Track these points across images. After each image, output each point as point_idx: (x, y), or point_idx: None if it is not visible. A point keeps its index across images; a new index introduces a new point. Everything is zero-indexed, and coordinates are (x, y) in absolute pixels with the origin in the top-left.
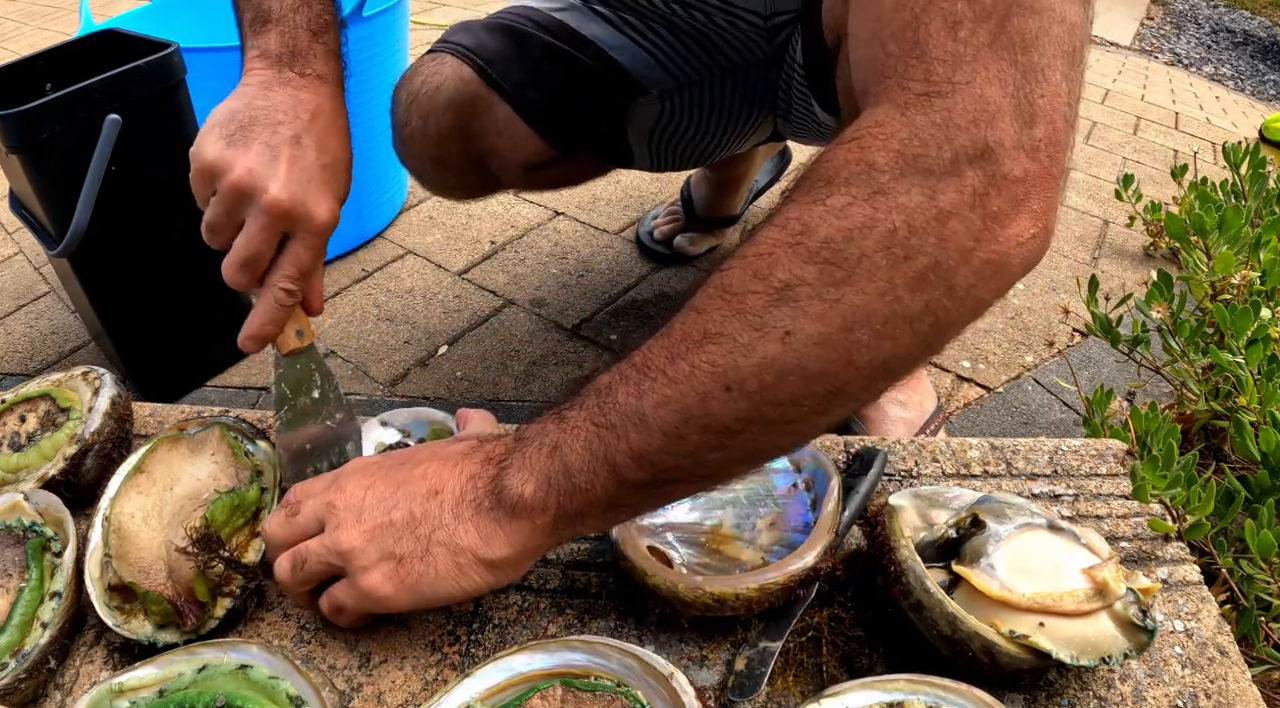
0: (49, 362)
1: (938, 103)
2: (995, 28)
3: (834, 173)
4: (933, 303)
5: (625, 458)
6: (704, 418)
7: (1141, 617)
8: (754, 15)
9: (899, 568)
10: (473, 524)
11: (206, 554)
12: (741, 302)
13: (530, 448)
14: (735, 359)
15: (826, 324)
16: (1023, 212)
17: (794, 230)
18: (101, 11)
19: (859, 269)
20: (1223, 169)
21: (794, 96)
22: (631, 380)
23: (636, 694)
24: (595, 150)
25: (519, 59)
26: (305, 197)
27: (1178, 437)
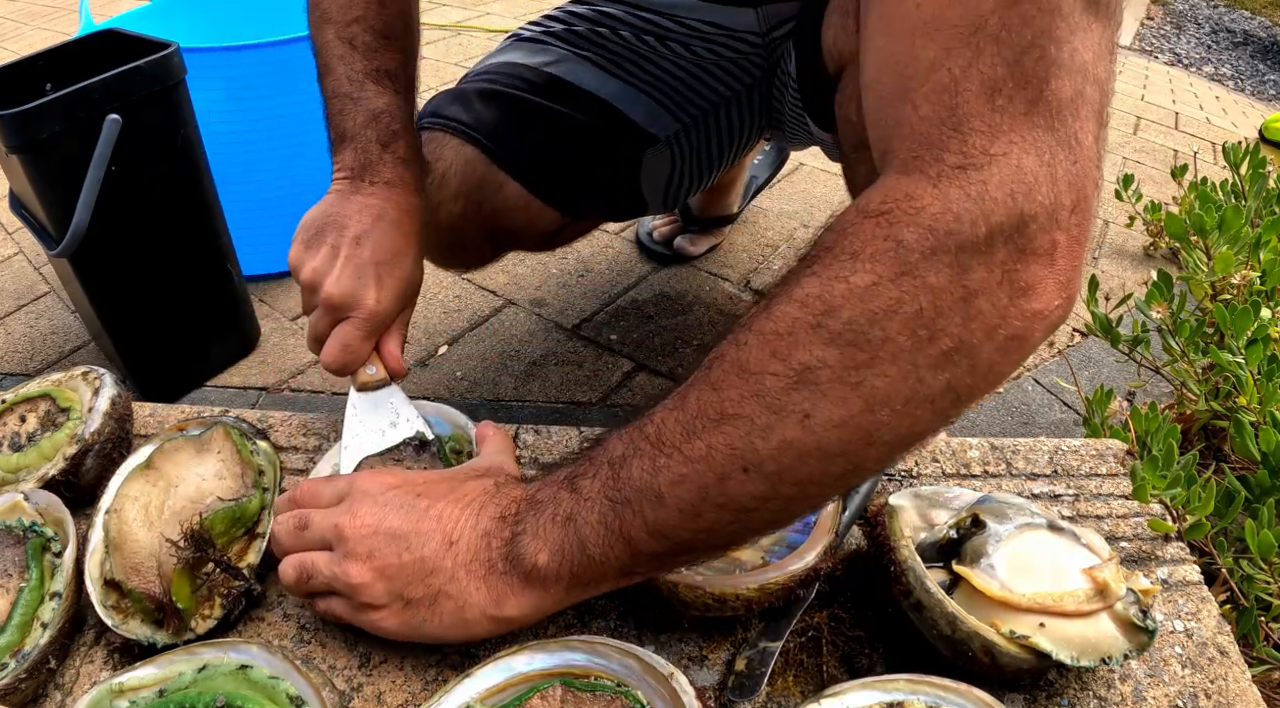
0: (49, 362)
1: (974, 176)
2: (1034, 94)
3: (859, 248)
4: (954, 381)
5: (640, 532)
6: (721, 497)
7: (1142, 617)
8: (753, 35)
9: (899, 568)
10: (484, 584)
11: (198, 553)
12: (760, 383)
13: (544, 516)
14: (753, 441)
15: (847, 407)
16: (1049, 283)
17: (816, 310)
18: (101, 11)
19: (882, 352)
20: (1223, 169)
21: (787, 110)
22: (646, 455)
23: (636, 694)
24: (607, 209)
25: (522, 131)
26: (355, 289)
27: (1178, 437)
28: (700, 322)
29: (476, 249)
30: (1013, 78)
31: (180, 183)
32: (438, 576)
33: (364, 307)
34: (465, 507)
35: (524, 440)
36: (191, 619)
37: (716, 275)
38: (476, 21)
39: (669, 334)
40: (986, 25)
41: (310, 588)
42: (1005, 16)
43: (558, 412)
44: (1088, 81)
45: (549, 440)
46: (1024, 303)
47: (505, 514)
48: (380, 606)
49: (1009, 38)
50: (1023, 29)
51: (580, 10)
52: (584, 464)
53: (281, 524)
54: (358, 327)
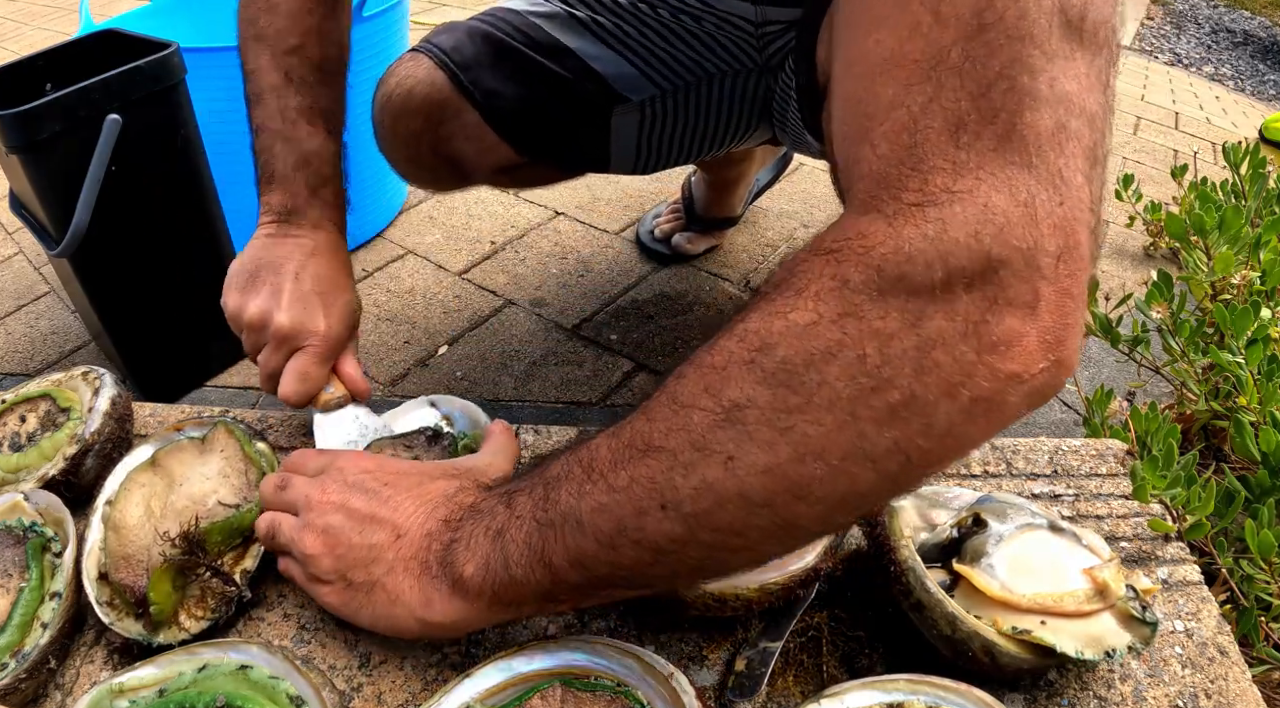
0: (49, 362)
1: (931, 213)
2: (1005, 127)
3: (805, 284)
4: (903, 441)
5: (561, 559)
6: (637, 532)
7: (1141, 611)
8: (743, 20)
9: (899, 568)
10: (417, 583)
11: (188, 556)
12: (688, 416)
13: (479, 527)
14: (673, 477)
15: (774, 453)
16: (1030, 341)
17: (752, 345)
18: (101, 11)
19: (816, 397)
20: (1223, 169)
21: (790, 114)
22: (575, 479)
23: (636, 694)
24: (564, 158)
25: (493, 67)
26: (304, 318)
27: (1178, 437)
28: (700, 322)
29: (432, 169)
30: (978, 111)
31: (180, 183)
32: (379, 565)
33: (316, 333)
34: (422, 504)
35: (524, 440)
36: (165, 618)
37: (716, 275)
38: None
39: (669, 334)
40: (948, 58)
41: (273, 545)
42: (968, 47)
43: (558, 412)
44: (1072, 114)
45: (549, 441)
46: (995, 361)
47: (450, 518)
48: (326, 580)
49: (973, 69)
50: (989, 59)
51: None
52: (525, 481)
53: (267, 481)
54: (313, 354)
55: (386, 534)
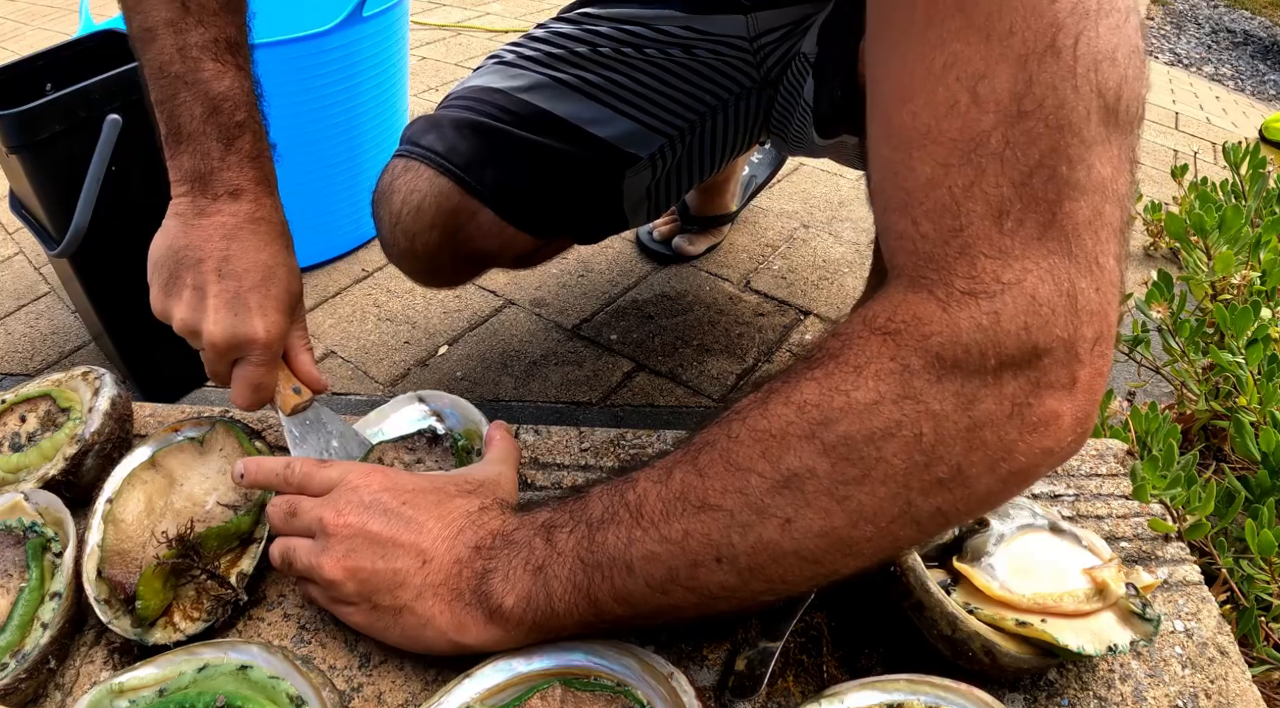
0: (49, 362)
1: (984, 305)
2: (1047, 216)
3: (864, 363)
4: (945, 506)
5: (607, 597)
6: (690, 581)
7: (1142, 608)
8: (737, 38)
9: (899, 568)
10: (449, 609)
11: (183, 559)
12: (745, 479)
13: (517, 560)
14: (730, 536)
15: (830, 519)
16: (1065, 419)
17: (812, 418)
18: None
19: (875, 471)
20: (1223, 169)
21: (793, 122)
22: (624, 524)
23: (636, 694)
24: (584, 232)
25: (494, 161)
26: (237, 326)
27: (1178, 437)
28: (700, 322)
29: (454, 272)
30: (1021, 199)
31: None
32: (406, 590)
33: (255, 342)
34: (446, 526)
35: (524, 440)
36: (151, 615)
37: (716, 275)
38: (477, 21)
39: (669, 334)
40: (988, 142)
41: (292, 573)
42: (1009, 133)
43: (558, 412)
44: (1106, 200)
45: (549, 441)
46: (1034, 438)
47: (481, 545)
48: (348, 606)
49: (1014, 157)
50: (1029, 147)
51: (562, 28)
52: (563, 514)
53: (275, 506)
54: (256, 363)
55: (411, 559)
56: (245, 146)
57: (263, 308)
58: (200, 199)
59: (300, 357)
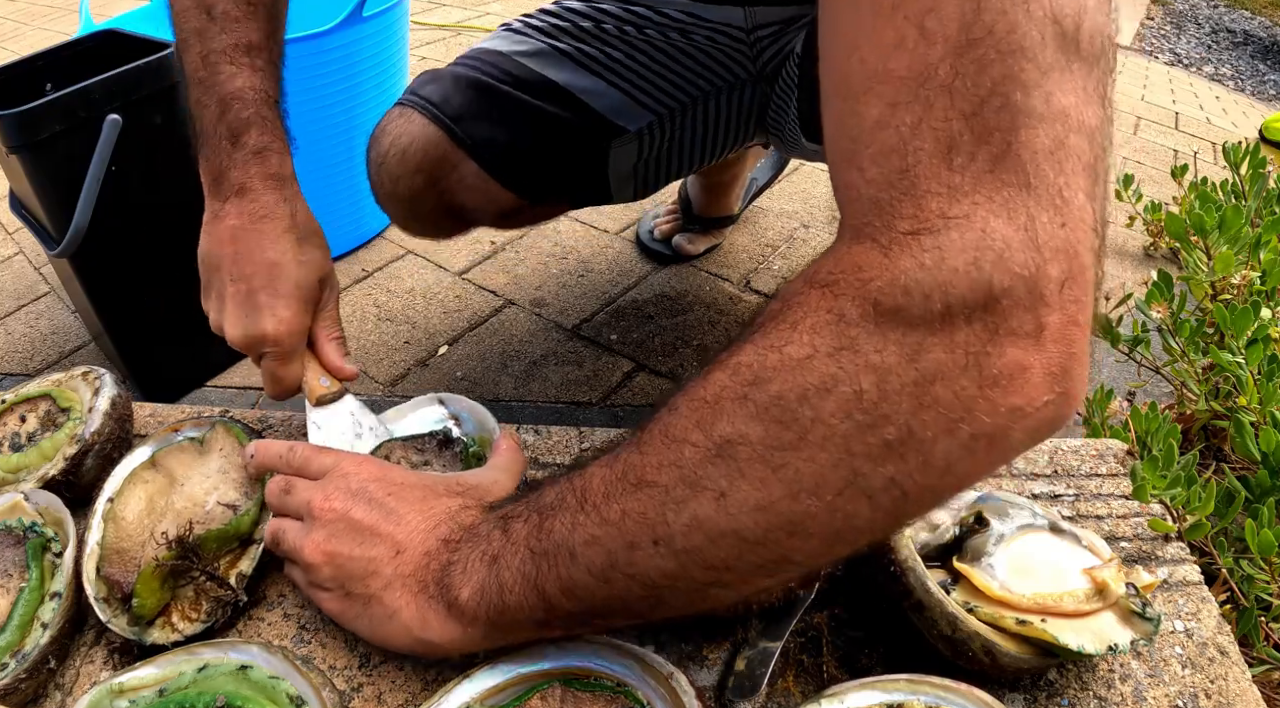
0: (49, 362)
1: (928, 241)
2: (1000, 147)
3: (799, 317)
4: (900, 477)
5: (554, 588)
6: (630, 567)
7: (1142, 607)
8: (735, 29)
9: (899, 568)
10: (414, 602)
11: (182, 561)
12: (679, 451)
13: (475, 552)
14: (665, 513)
15: (767, 491)
16: (1034, 373)
17: (744, 379)
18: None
19: (811, 433)
20: (1223, 169)
21: (788, 121)
22: (569, 509)
23: (636, 694)
24: (568, 196)
25: (485, 115)
26: (249, 326)
27: (1178, 437)
28: (700, 322)
29: (436, 223)
30: (971, 131)
31: (180, 183)
32: (376, 580)
33: (266, 338)
34: (425, 520)
35: (524, 440)
36: (147, 614)
37: (716, 275)
38: (477, 21)
39: (669, 334)
40: (936, 74)
41: (279, 553)
42: (958, 63)
43: (558, 412)
44: (1070, 130)
45: (549, 441)
46: (997, 395)
47: (450, 539)
48: (324, 591)
49: (964, 87)
50: (979, 76)
51: (572, 3)
52: (519, 506)
53: (273, 483)
54: (272, 358)
55: (386, 549)
56: (250, 142)
57: (271, 306)
58: (215, 202)
59: (325, 347)
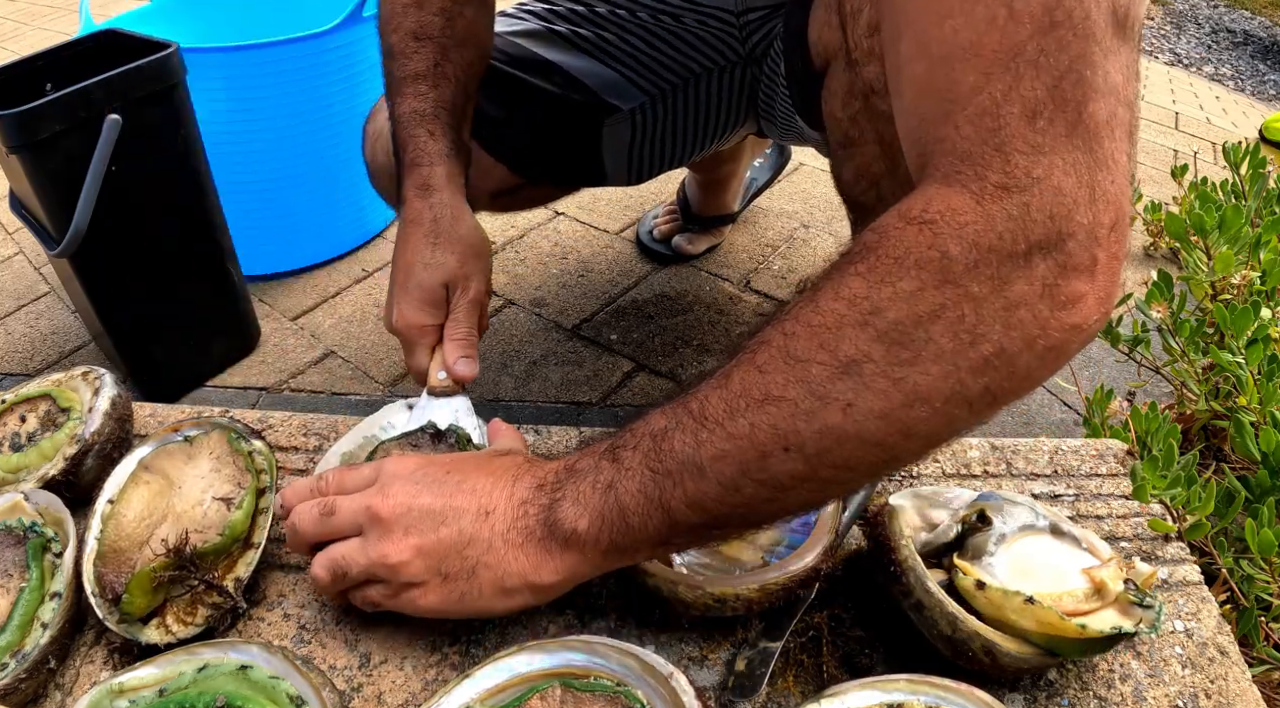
0: (49, 362)
1: (1015, 197)
2: (1074, 116)
3: (904, 254)
4: (992, 385)
5: (680, 504)
6: (760, 474)
7: (1141, 597)
8: (724, 13)
9: (899, 568)
10: (523, 551)
11: (179, 570)
12: (806, 370)
13: (584, 483)
14: (796, 423)
15: (888, 400)
16: (1090, 298)
17: (863, 309)
18: (101, 11)
19: (925, 352)
20: (1223, 169)
21: (777, 103)
22: (689, 429)
23: (636, 694)
24: (563, 175)
25: (481, 92)
26: (387, 319)
27: (1178, 437)
28: (700, 322)
29: None
30: (1052, 101)
31: (180, 183)
32: (475, 546)
33: (391, 328)
34: (498, 479)
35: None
36: (136, 615)
37: (716, 275)
38: None
39: (669, 334)
40: (1025, 51)
41: (348, 583)
42: (1043, 42)
43: (558, 412)
44: (1120, 103)
45: (549, 441)
46: (1064, 315)
47: (543, 483)
48: (420, 584)
49: (1047, 63)
50: (1060, 54)
51: None
52: (625, 436)
53: (304, 513)
54: (403, 348)
55: (472, 517)
56: (407, 158)
57: (399, 304)
58: (398, 210)
59: (445, 345)
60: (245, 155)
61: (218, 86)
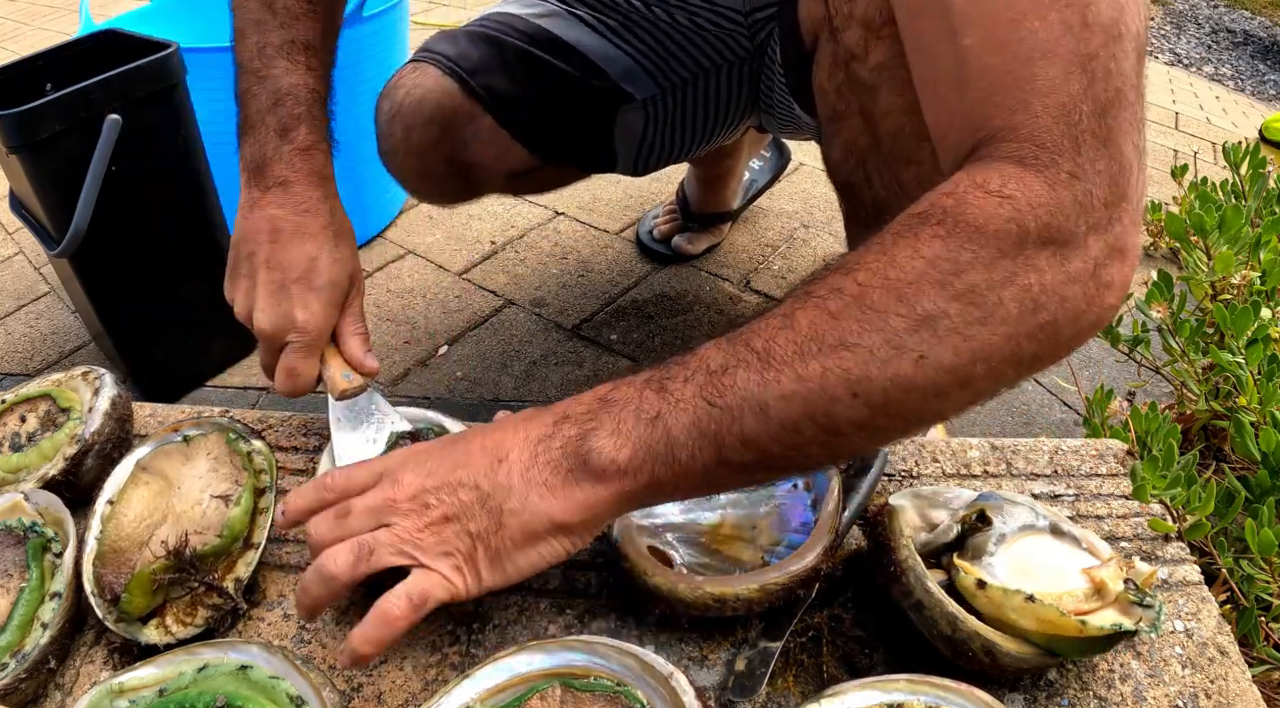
0: (49, 362)
1: (1081, 185)
2: (1130, 118)
3: (984, 223)
4: (1040, 351)
5: (734, 440)
6: (824, 418)
7: (1141, 596)
8: (734, 12)
9: (899, 568)
10: (546, 487)
11: (179, 574)
12: (884, 320)
13: (626, 413)
14: (870, 370)
15: (958, 356)
16: (1122, 280)
17: (944, 269)
18: (101, 11)
19: (995, 314)
20: (1223, 169)
21: (775, 95)
22: (753, 367)
23: (636, 694)
24: (577, 157)
25: (501, 69)
26: (278, 316)
27: (1178, 437)
28: (700, 322)
29: (445, 180)
30: (1117, 103)
31: (180, 183)
32: (494, 495)
33: (293, 329)
34: (506, 429)
35: None
36: (136, 615)
37: (716, 275)
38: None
39: (669, 334)
40: (1099, 57)
41: (372, 565)
42: (1113, 50)
43: None
44: (1141, 103)
45: None
46: (1105, 294)
47: (567, 415)
48: (453, 557)
49: (1116, 69)
50: (1124, 62)
51: None
52: (673, 368)
53: (319, 524)
54: (295, 350)
55: (485, 472)
56: (299, 139)
57: (304, 299)
58: (254, 190)
59: (349, 342)
60: None
61: (218, 86)
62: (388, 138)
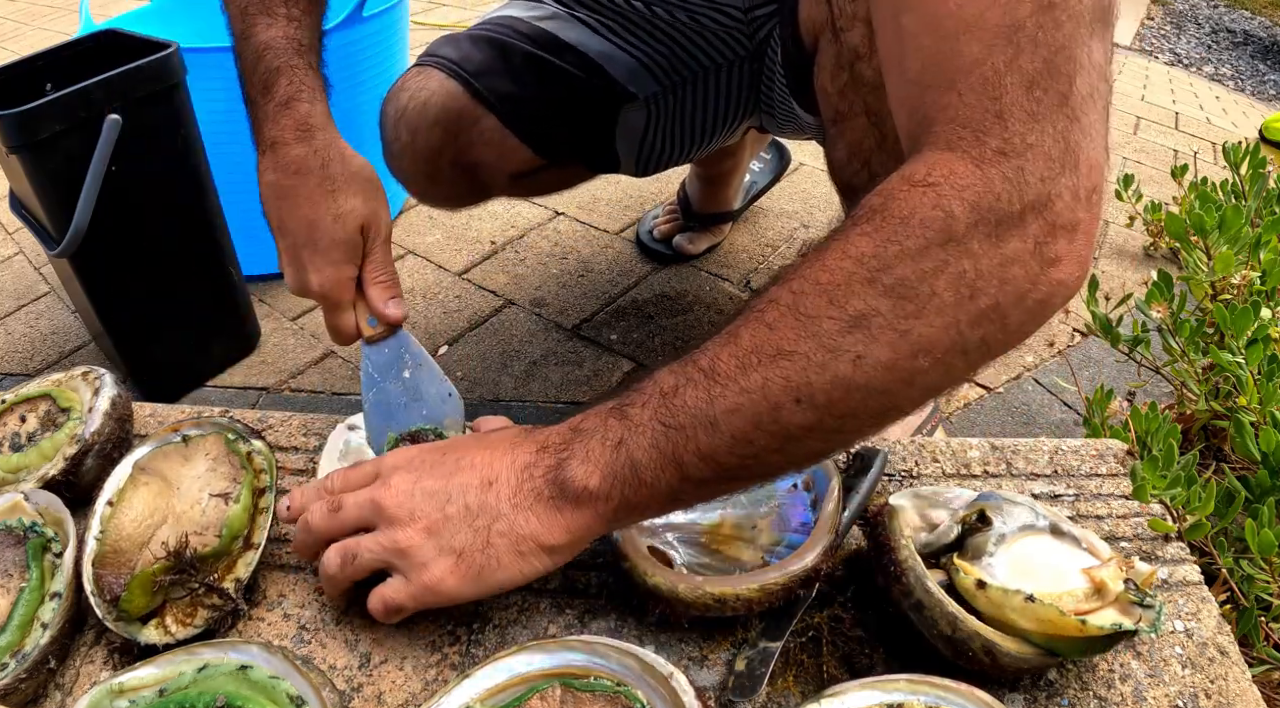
0: (49, 362)
1: (1012, 161)
2: (1065, 88)
3: (909, 214)
4: (988, 337)
5: (692, 457)
6: (773, 425)
7: (1141, 596)
8: (734, 9)
9: (899, 568)
10: (532, 513)
11: (179, 575)
12: (816, 325)
13: (593, 441)
14: (808, 376)
15: (895, 352)
16: (1071, 256)
17: (871, 266)
18: (101, 11)
19: (929, 305)
20: (1223, 169)
21: (776, 94)
22: (700, 385)
23: (636, 694)
24: (581, 158)
25: (504, 71)
26: (296, 281)
27: (1178, 437)
28: (700, 322)
29: (451, 183)
30: (1047, 73)
31: (180, 183)
32: (483, 515)
33: (312, 291)
34: (496, 450)
35: None
36: (136, 615)
37: (716, 275)
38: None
39: (669, 334)
40: (1025, 27)
41: (357, 568)
42: (1041, 20)
43: (558, 412)
44: (1099, 78)
45: None
46: (1051, 272)
47: (545, 445)
48: (435, 566)
49: (1045, 39)
50: (1055, 32)
51: None
52: (632, 395)
53: (314, 512)
54: (325, 310)
55: (475, 491)
56: (279, 94)
57: (313, 262)
58: (258, 157)
59: (369, 290)
60: (245, 155)
61: (218, 86)
62: (393, 142)
